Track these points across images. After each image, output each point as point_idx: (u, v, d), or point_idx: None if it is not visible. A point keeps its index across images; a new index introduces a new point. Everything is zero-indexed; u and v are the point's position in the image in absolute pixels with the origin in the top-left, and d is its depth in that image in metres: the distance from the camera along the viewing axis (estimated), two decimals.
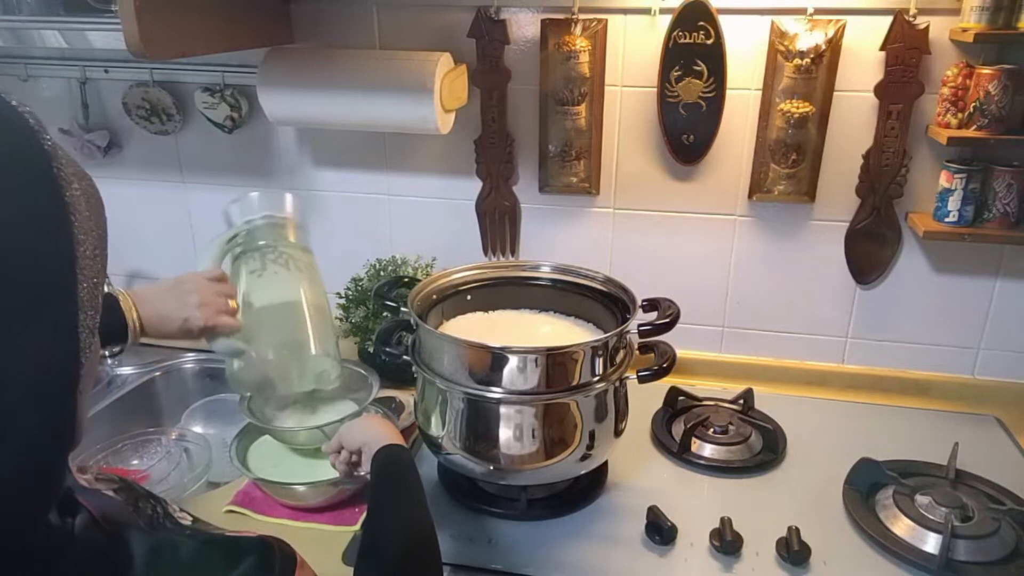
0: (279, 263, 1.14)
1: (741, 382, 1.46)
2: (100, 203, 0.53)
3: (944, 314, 1.44)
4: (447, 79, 1.34)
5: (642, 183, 1.46)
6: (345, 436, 1.01)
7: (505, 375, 1.03)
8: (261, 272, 1.13)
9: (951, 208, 1.30)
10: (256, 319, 1.11)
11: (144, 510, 0.66)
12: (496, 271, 1.29)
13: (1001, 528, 1.06)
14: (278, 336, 1.13)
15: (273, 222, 1.16)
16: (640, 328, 1.10)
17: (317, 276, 1.19)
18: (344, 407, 1.24)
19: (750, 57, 1.33)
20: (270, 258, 1.13)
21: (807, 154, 1.36)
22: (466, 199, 1.54)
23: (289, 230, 1.18)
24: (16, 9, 1.42)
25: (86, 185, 0.51)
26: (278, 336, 1.13)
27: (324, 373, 1.18)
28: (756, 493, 1.19)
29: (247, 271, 1.13)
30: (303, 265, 1.16)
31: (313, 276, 1.18)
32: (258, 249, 1.14)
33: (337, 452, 1.02)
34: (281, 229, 1.17)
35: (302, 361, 1.16)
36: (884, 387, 1.49)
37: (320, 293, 1.19)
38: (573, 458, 1.08)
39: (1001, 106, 1.21)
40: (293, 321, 1.14)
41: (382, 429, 0.98)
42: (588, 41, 1.36)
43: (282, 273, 1.14)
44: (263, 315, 1.12)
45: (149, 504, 0.67)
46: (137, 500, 0.66)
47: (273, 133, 1.59)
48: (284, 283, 1.14)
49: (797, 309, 1.50)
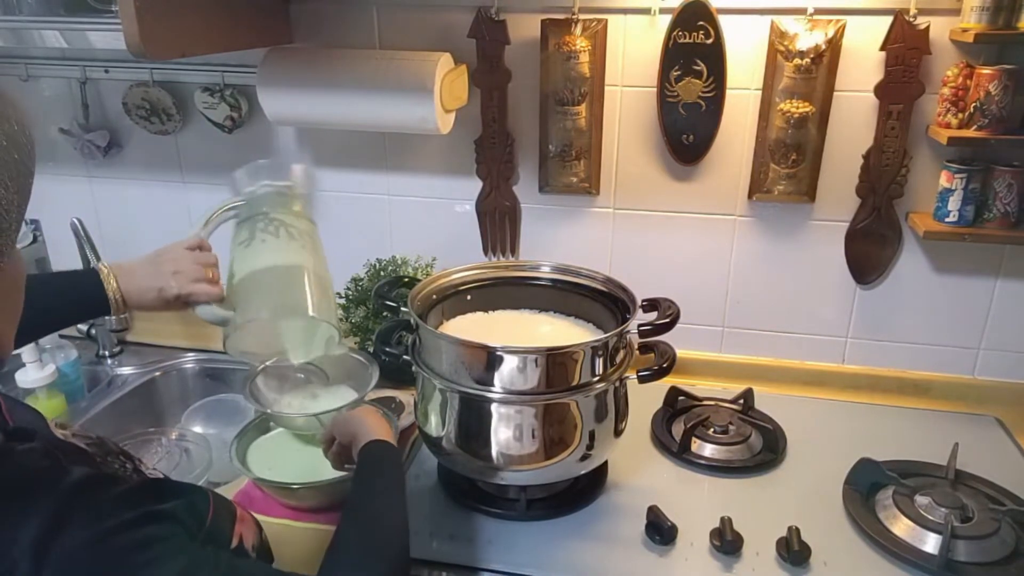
0: (269, 231, 1.09)
1: (741, 382, 1.46)
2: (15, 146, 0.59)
3: (944, 314, 1.44)
4: (447, 79, 1.34)
5: (642, 183, 1.46)
6: (338, 427, 1.01)
7: (505, 375, 1.03)
8: (249, 242, 1.09)
9: (951, 208, 1.30)
10: (245, 286, 1.06)
11: (111, 463, 0.67)
12: (496, 271, 1.29)
13: (1001, 528, 1.06)
14: (270, 300, 1.07)
15: (275, 191, 1.13)
16: (640, 328, 1.10)
17: (318, 246, 1.14)
18: (344, 394, 1.25)
19: (750, 57, 1.33)
20: (260, 226, 1.09)
21: (807, 154, 1.36)
22: (466, 199, 1.55)
23: (291, 199, 1.14)
24: (16, 9, 1.42)
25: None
26: (270, 300, 1.07)
27: (330, 338, 1.13)
28: (756, 493, 1.19)
29: (238, 239, 1.10)
30: (299, 233, 1.11)
31: (313, 245, 1.13)
32: (252, 217, 1.11)
33: (329, 443, 1.02)
34: (282, 198, 1.13)
35: (303, 326, 1.12)
36: (884, 387, 1.49)
37: (320, 262, 1.13)
38: (573, 458, 1.08)
39: (1001, 106, 1.21)
40: (286, 285, 1.08)
41: (372, 423, 0.97)
42: (588, 41, 1.36)
43: (271, 241, 1.08)
44: (252, 281, 1.07)
45: (119, 460, 0.70)
46: (107, 455, 0.69)
47: (273, 133, 1.59)
48: (274, 250, 1.08)
49: (797, 309, 1.50)
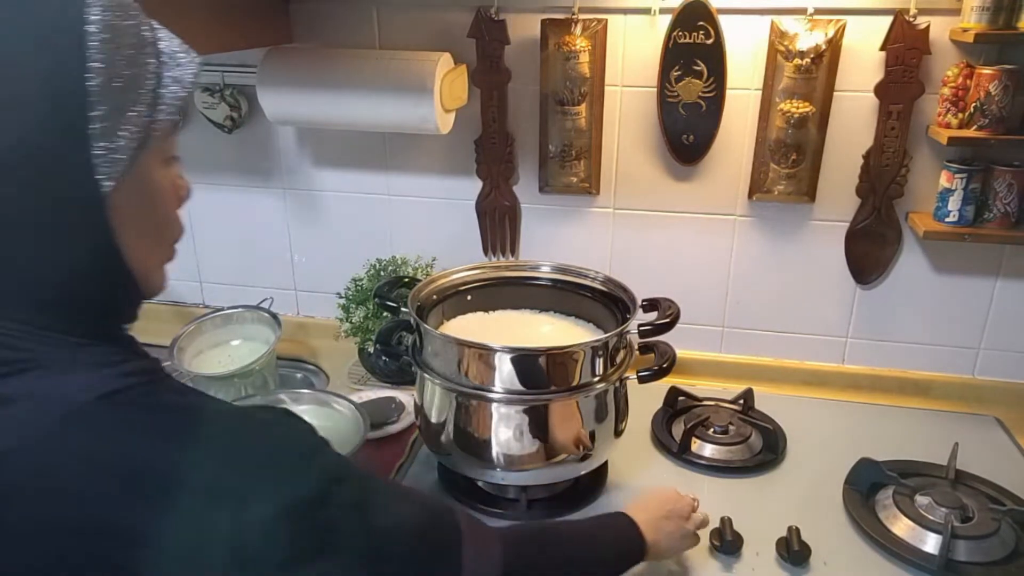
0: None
1: (741, 382, 1.46)
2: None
3: (944, 314, 1.44)
4: (447, 79, 1.34)
5: (642, 183, 1.46)
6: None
7: (505, 375, 1.02)
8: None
9: (951, 208, 1.30)
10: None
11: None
12: (496, 271, 1.29)
13: (1001, 528, 1.06)
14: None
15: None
16: (640, 328, 1.10)
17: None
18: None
19: (750, 57, 1.33)
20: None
21: (807, 154, 1.36)
22: (466, 199, 1.55)
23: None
24: None
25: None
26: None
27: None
28: (756, 493, 1.19)
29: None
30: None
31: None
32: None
33: None
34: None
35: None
36: (884, 387, 1.49)
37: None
38: (573, 458, 1.08)
39: (1002, 106, 1.21)
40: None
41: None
42: (588, 41, 1.36)
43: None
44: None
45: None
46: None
47: (273, 133, 1.59)
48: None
49: (797, 309, 1.50)
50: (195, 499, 0.53)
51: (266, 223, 1.66)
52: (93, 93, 0.53)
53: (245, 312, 1.53)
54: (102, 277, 0.58)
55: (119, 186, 0.55)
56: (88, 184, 0.54)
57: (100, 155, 0.54)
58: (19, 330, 0.54)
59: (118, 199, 0.56)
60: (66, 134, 0.53)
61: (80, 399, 0.53)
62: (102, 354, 0.57)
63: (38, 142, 0.52)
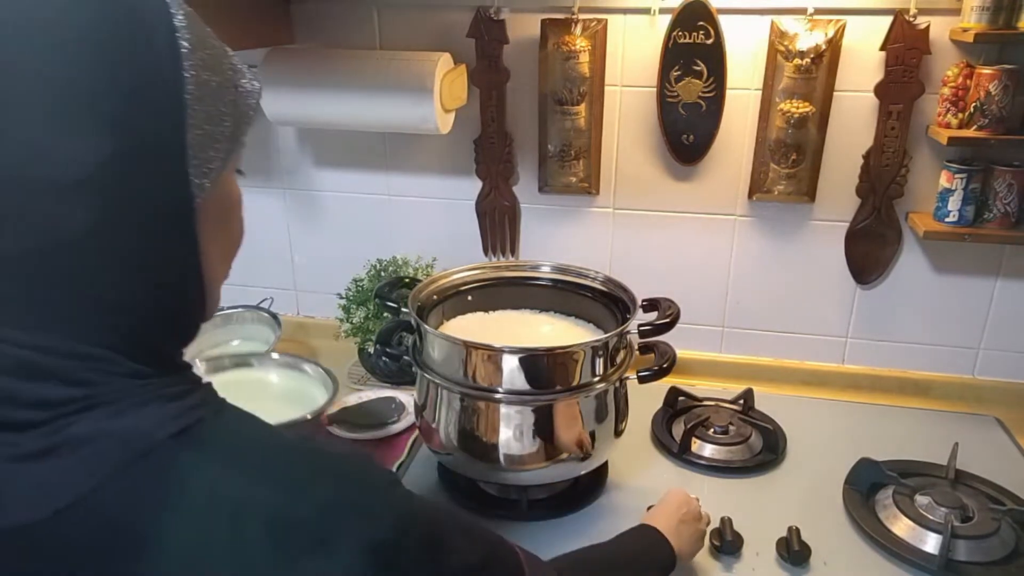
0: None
1: (741, 382, 1.46)
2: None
3: (944, 314, 1.44)
4: (447, 79, 1.34)
5: (642, 183, 1.46)
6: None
7: (505, 375, 1.03)
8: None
9: (951, 208, 1.30)
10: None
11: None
12: (496, 271, 1.29)
13: (1001, 528, 1.06)
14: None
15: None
16: (640, 328, 1.10)
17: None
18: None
19: (750, 57, 1.33)
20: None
21: (807, 154, 1.36)
22: (466, 199, 1.55)
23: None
24: None
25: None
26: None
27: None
28: (756, 493, 1.19)
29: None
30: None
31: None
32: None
33: None
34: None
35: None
36: (884, 387, 1.49)
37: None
38: (573, 458, 1.08)
39: (1002, 106, 1.21)
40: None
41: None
42: (588, 41, 1.36)
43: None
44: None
45: None
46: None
47: (273, 133, 1.59)
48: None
49: (797, 309, 1.50)
50: (294, 538, 0.50)
51: (266, 223, 1.66)
52: (189, 104, 0.52)
53: (245, 312, 1.53)
54: (181, 296, 0.56)
55: (207, 197, 0.54)
56: (182, 195, 0.53)
57: (196, 166, 0.53)
58: (83, 366, 0.50)
59: (204, 212, 0.55)
60: (163, 146, 0.51)
61: (158, 436, 0.49)
62: (166, 385, 0.53)
63: (135, 154, 0.50)
